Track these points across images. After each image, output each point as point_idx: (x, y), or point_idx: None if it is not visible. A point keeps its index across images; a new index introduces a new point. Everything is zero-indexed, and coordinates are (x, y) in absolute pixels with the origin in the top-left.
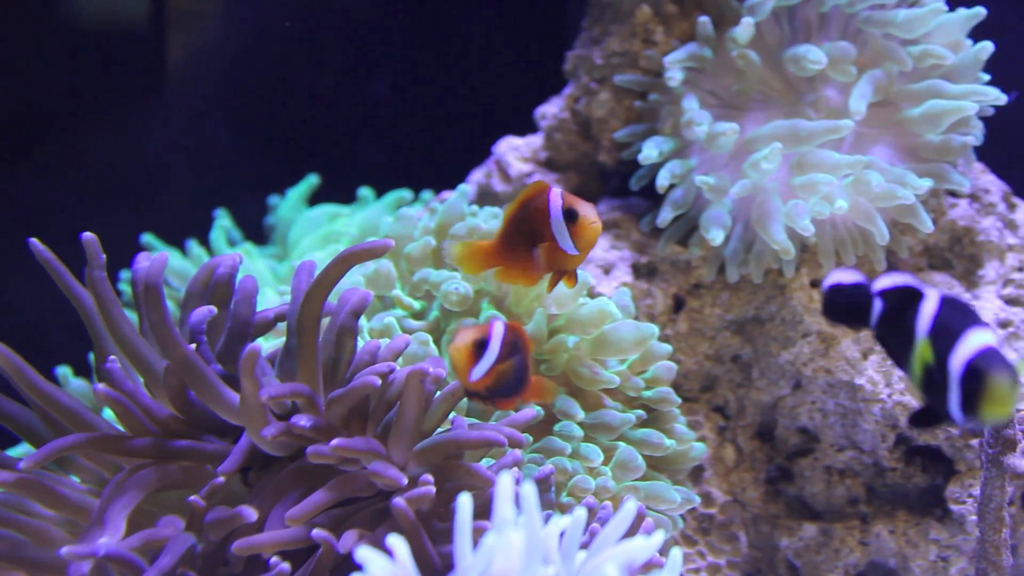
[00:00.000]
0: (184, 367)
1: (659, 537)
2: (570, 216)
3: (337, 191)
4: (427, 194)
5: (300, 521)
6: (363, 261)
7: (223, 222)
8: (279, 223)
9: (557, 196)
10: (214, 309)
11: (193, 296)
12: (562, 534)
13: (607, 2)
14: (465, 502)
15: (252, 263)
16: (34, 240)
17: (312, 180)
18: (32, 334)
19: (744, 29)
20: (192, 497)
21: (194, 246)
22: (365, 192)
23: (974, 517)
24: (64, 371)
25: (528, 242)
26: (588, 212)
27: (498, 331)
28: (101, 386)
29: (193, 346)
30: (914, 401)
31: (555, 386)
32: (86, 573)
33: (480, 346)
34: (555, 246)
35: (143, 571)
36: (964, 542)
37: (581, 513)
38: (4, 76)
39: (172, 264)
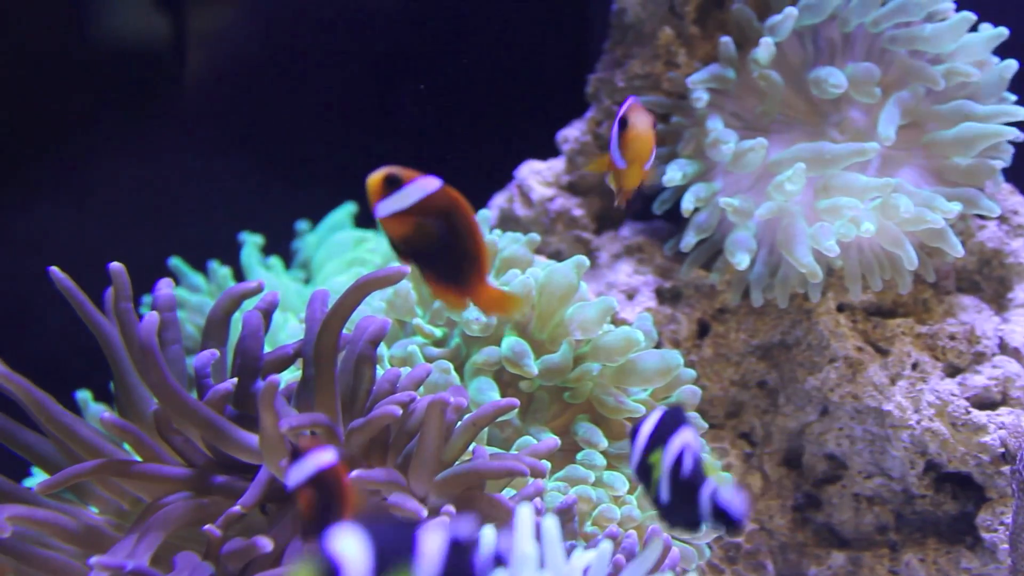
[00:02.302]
0: (192, 420)
1: None
2: (622, 124)
3: (360, 215)
4: None
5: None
6: (379, 288)
7: (255, 239)
8: (305, 247)
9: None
10: (216, 353)
11: (215, 325)
12: (586, 570)
13: (629, 24)
14: (488, 536)
15: (278, 280)
16: (54, 269)
17: (349, 208)
18: (52, 358)
19: (764, 50)
20: (208, 527)
21: (218, 268)
22: None
23: (1006, 545)
24: (84, 396)
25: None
26: (639, 120)
27: (424, 184)
28: (108, 415)
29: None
30: (943, 427)
31: (518, 299)
32: None
33: (395, 184)
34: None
35: None
36: (996, 571)
37: (606, 547)
38: (26, 100)
39: (191, 287)
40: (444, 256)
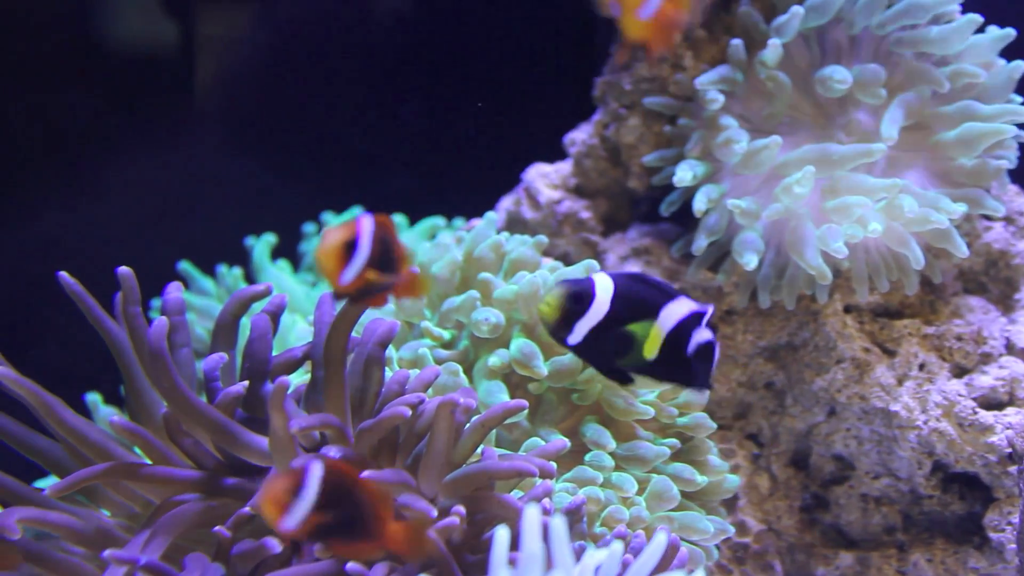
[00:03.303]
0: (202, 424)
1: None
2: None
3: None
4: (459, 221)
5: (328, 552)
6: None
7: (268, 238)
8: (313, 251)
9: None
10: (225, 356)
11: (223, 328)
12: (597, 570)
13: None
14: (503, 536)
15: (287, 282)
16: (63, 273)
17: (356, 212)
18: (62, 362)
19: (772, 51)
20: (217, 528)
21: (227, 271)
22: (398, 219)
23: (1013, 545)
24: (94, 398)
25: None
26: None
27: (367, 228)
28: (118, 418)
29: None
30: (950, 428)
31: (428, 281)
32: None
33: (350, 247)
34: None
35: None
36: (1003, 571)
37: (617, 547)
38: (35, 104)
39: (200, 291)
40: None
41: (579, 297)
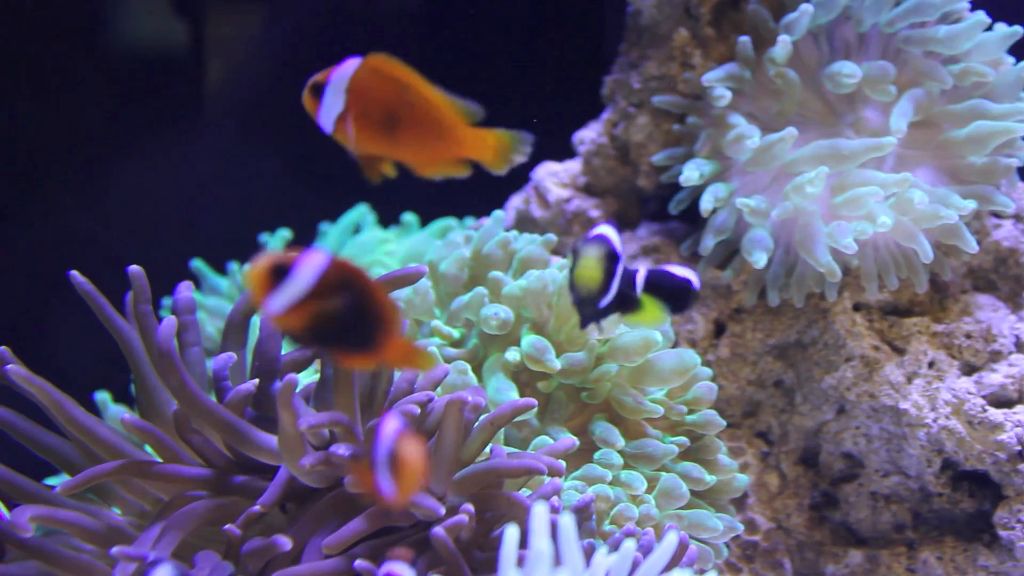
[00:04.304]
0: (211, 423)
1: None
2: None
3: (379, 216)
4: (470, 220)
5: (336, 549)
6: (396, 288)
7: (284, 233)
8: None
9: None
10: (234, 356)
11: (234, 327)
12: (608, 570)
13: (644, 26)
14: (512, 534)
15: None
16: (74, 272)
17: (362, 209)
18: (72, 361)
19: (781, 48)
20: (228, 526)
21: (238, 269)
22: (409, 218)
23: (1023, 543)
24: (103, 397)
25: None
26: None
27: (312, 261)
28: (128, 416)
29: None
30: (960, 426)
31: (431, 355)
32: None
33: (281, 272)
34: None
35: None
36: (1013, 568)
37: (630, 546)
38: (45, 104)
39: (212, 289)
40: (352, 330)
41: (612, 254)
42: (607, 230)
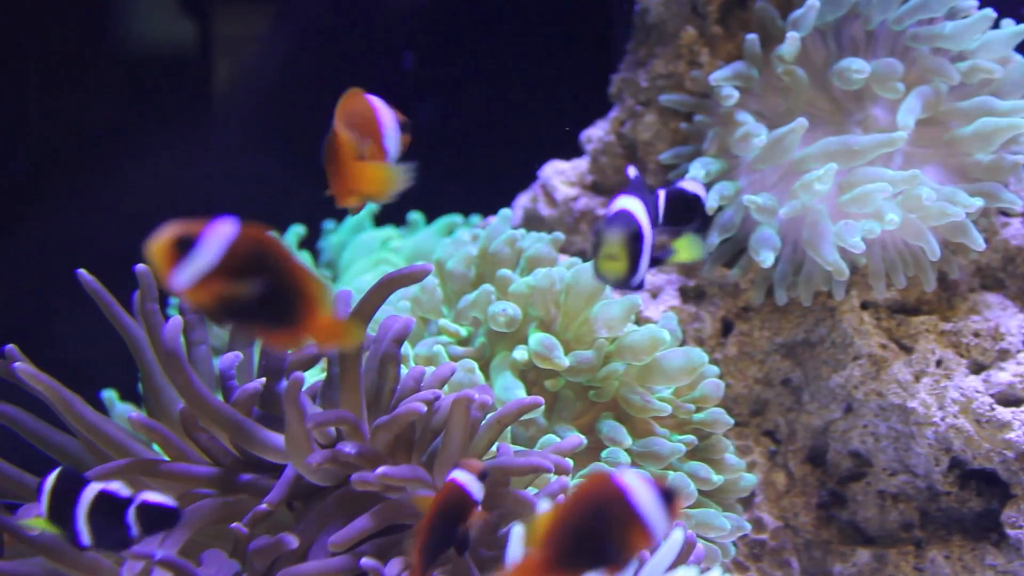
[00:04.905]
0: (218, 423)
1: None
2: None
3: (385, 214)
4: (476, 218)
5: (343, 547)
6: (403, 286)
7: (298, 229)
8: (330, 248)
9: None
10: (240, 355)
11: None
12: None
13: (652, 24)
14: (519, 533)
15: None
16: (82, 271)
17: (369, 207)
18: (80, 359)
19: (790, 44)
20: (235, 524)
21: None
22: (415, 216)
23: None
24: (110, 395)
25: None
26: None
27: (220, 232)
28: (136, 414)
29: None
30: (968, 424)
31: (358, 329)
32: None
33: (186, 245)
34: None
35: None
36: (1021, 568)
37: None
38: (52, 104)
39: None
40: (268, 303)
41: (636, 235)
42: (629, 203)
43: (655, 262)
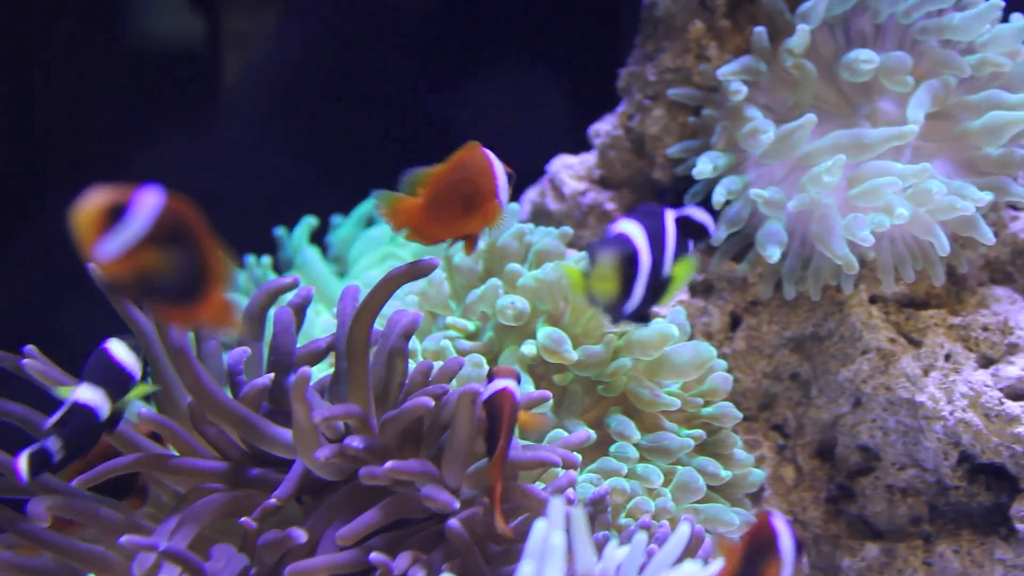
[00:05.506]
0: (226, 418)
1: (716, 566)
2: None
3: None
4: None
5: (351, 540)
6: (410, 281)
7: (310, 220)
8: (339, 242)
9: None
10: (248, 350)
11: (250, 320)
12: (619, 564)
13: (660, 18)
14: (540, 527)
15: (320, 267)
16: (92, 265)
17: (373, 203)
18: (89, 352)
19: (800, 37)
20: (244, 519)
21: (255, 262)
22: None
23: None
24: None
25: (460, 203)
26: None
27: (149, 201)
28: (145, 410)
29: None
30: (977, 419)
31: (234, 309)
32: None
33: (117, 213)
34: (496, 206)
35: (204, 572)
36: None
37: (641, 538)
38: (61, 98)
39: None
40: (179, 282)
41: (630, 258)
42: (629, 227)
43: (655, 296)
